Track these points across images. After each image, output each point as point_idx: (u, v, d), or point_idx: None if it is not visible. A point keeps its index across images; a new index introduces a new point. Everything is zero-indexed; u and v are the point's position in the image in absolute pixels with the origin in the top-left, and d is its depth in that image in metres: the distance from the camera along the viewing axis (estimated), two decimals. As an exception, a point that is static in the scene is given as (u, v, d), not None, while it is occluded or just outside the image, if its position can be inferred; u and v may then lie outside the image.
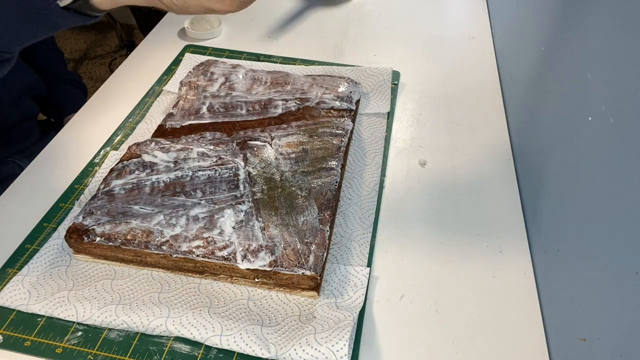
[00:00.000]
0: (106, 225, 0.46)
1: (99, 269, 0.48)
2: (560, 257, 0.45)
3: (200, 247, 0.45)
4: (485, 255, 0.51)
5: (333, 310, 0.44)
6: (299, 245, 0.45)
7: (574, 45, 0.47)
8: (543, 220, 0.51)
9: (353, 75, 0.72)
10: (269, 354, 0.41)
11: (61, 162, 0.60)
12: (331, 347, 0.40)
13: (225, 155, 0.53)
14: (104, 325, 0.43)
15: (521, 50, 0.67)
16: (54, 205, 0.54)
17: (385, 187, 0.58)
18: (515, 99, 0.67)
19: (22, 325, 0.44)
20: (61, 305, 0.44)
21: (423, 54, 0.81)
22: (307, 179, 0.51)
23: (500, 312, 0.46)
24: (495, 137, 0.65)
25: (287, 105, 0.61)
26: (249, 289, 0.47)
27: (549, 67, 0.54)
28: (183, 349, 0.42)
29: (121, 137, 0.63)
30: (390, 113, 0.67)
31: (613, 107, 0.38)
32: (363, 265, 0.49)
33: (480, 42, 0.84)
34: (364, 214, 0.53)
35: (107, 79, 0.74)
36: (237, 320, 0.43)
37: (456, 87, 0.73)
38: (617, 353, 0.34)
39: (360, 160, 0.60)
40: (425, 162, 0.61)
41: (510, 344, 0.44)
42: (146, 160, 0.53)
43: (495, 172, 0.60)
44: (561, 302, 0.44)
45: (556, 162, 0.49)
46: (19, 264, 0.48)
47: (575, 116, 0.45)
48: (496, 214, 0.55)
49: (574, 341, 0.40)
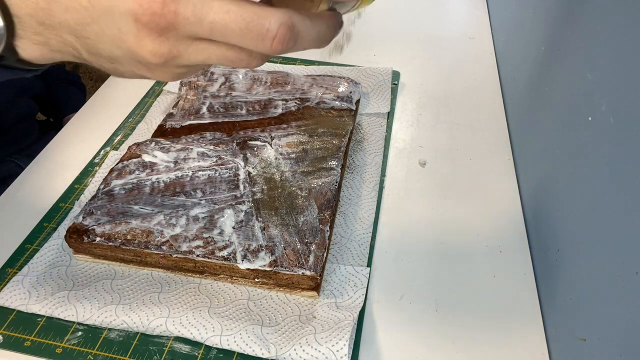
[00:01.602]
0: (106, 225, 0.46)
1: (99, 269, 0.48)
2: (560, 257, 0.45)
3: (200, 247, 0.45)
4: (485, 255, 0.51)
5: (333, 310, 0.44)
6: (299, 245, 0.45)
7: (574, 45, 0.47)
8: (543, 220, 0.51)
9: (353, 75, 0.72)
10: (269, 354, 0.41)
11: (61, 162, 0.60)
12: (331, 347, 0.40)
13: (225, 155, 0.53)
14: (104, 325, 0.43)
15: (521, 50, 0.67)
16: (54, 205, 0.54)
17: (385, 187, 0.58)
18: (515, 99, 0.67)
19: (22, 325, 0.44)
20: (61, 305, 0.44)
21: (423, 54, 0.81)
22: (307, 179, 0.51)
23: (500, 312, 0.46)
24: (495, 137, 0.65)
25: (287, 105, 0.61)
26: (249, 289, 0.47)
27: (549, 67, 0.54)
28: (183, 349, 0.42)
29: (121, 137, 0.63)
30: (390, 113, 0.67)
31: (613, 107, 0.38)
32: (363, 265, 0.49)
33: (480, 42, 0.84)
34: (364, 214, 0.53)
35: (107, 79, 0.74)
36: (237, 320, 0.43)
37: (456, 87, 0.73)
38: (617, 353, 0.34)
39: (360, 160, 0.60)
40: (425, 162, 0.61)
41: (510, 344, 0.44)
42: (146, 160, 0.53)
43: (495, 172, 0.60)
44: (561, 302, 0.44)
45: (556, 162, 0.49)
46: (19, 264, 0.48)
47: (575, 116, 0.45)
48: (496, 214, 0.55)
49: (574, 341, 0.40)
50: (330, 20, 0.29)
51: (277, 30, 0.26)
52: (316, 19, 0.28)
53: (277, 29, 0.26)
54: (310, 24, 0.27)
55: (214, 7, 0.25)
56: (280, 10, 0.26)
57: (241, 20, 0.25)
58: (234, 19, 0.25)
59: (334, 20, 0.30)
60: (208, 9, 0.25)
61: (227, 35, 0.26)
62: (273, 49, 0.26)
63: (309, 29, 0.27)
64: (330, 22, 0.29)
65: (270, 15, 0.26)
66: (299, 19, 0.27)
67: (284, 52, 0.27)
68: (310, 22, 0.27)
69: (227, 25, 0.25)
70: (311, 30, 0.27)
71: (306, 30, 0.27)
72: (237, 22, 0.25)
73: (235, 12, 0.25)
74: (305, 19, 0.27)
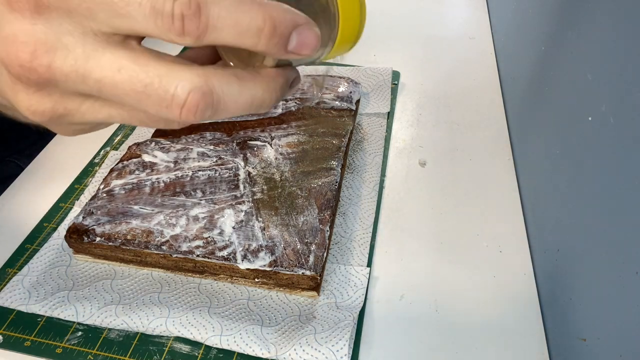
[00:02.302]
0: (106, 225, 0.46)
1: (99, 269, 0.48)
2: (560, 257, 0.45)
3: (200, 247, 0.45)
4: (485, 255, 0.51)
5: (333, 310, 0.44)
6: (299, 245, 0.45)
7: (574, 45, 0.47)
8: (543, 220, 0.51)
9: (353, 75, 0.72)
10: (269, 354, 0.41)
11: (61, 162, 0.60)
12: (331, 347, 0.40)
13: (225, 155, 0.53)
14: (104, 325, 0.43)
15: (521, 50, 0.67)
16: (54, 205, 0.54)
17: (385, 187, 0.58)
18: (515, 99, 0.67)
19: (22, 325, 0.44)
20: (61, 305, 0.44)
21: (423, 54, 0.81)
22: (307, 179, 0.51)
23: (500, 312, 0.46)
24: (495, 137, 0.65)
25: (287, 105, 0.61)
26: (249, 289, 0.47)
27: (549, 67, 0.54)
28: (183, 349, 0.42)
29: (121, 137, 0.63)
30: (390, 113, 0.67)
31: (613, 107, 0.38)
32: (363, 265, 0.49)
33: (480, 42, 0.84)
34: (364, 214, 0.53)
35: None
36: (237, 320, 0.43)
37: (456, 87, 0.73)
38: (617, 353, 0.34)
39: (360, 160, 0.60)
40: (425, 162, 0.61)
41: (510, 344, 0.44)
42: (146, 160, 0.53)
43: (495, 172, 0.60)
44: (561, 302, 0.44)
45: (556, 162, 0.49)
46: (19, 264, 0.48)
47: (575, 116, 0.45)
48: (496, 214, 0.55)
49: (574, 341, 0.40)
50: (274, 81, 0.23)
51: (187, 96, 0.20)
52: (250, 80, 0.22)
53: (186, 95, 0.20)
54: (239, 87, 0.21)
55: (102, 62, 0.20)
56: (197, 70, 0.20)
57: (137, 81, 0.20)
58: (127, 79, 0.20)
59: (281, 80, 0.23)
60: (94, 63, 0.20)
61: (119, 98, 0.21)
62: (183, 118, 0.20)
63: (234, 94, 0.21)
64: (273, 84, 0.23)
65: (180, 77, 0.20)
66: (223, 82, 0.21)
67: (202, 121, 0.22)
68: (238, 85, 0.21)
69: (116, 86, 0.20)
70: (239, 96, 0.22)
71: (231, 95, 0.21)
72: (130, 83, 0.20)
73: (129, 70, 0.20)
74: (232, 81, 0.21)
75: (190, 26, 0.19)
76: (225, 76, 0.21)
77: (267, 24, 0.20)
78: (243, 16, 0.19)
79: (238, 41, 0.20)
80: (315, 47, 0.22)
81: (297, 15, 0.21)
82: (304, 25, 0.21)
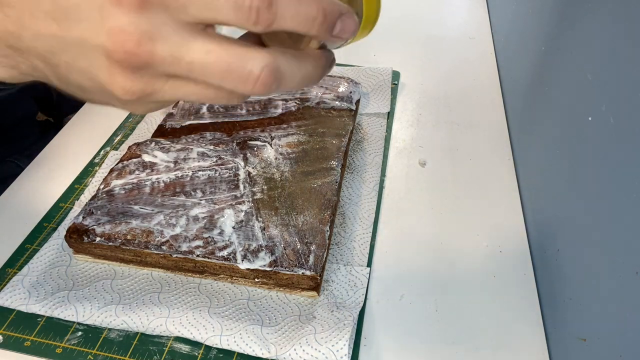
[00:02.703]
0: (106, 225, 0.46)
1: (99, 269, 0.48)
2: (560, 257, 0.45)
3: (200, 247, 0.45)
4: (485, 255, 0.51)
5: (333, 310, 0.44)
6: (299, 245, 0.45)
7: (574, 45, 0.47)
8: (543, 220, 0.51)
9: (353, 75, 0.72)
10: (269, 354, 0.41)
11: (61, 162, 0.60)
12: (331, 347, 0.40)
13: (225, 155, 0.53)
14: (104, 325, 0.43)
15: (521, 50, 0.67)
16: (54, 205, 0.54)
17: (385, 187, 0.58)
18: (515, 99, 0.67)
19: (22, 325, 0.44)
20: (61, 305, 0.44)
21: (423, 54, 0.81)
22: (307, 179, 0.51)
23: (500, 312, 0.46)
24: (495, 137, 0.65)
25: (287, 105, 0.61)
26: (249, 289, 0.47)
27: (549, 67, 0.54)
28: (183, 349, 0.42)
29: (121, 137, 0.63)
30: (390, 113, 0.67)
31: (613, 107, 0.38)
32: (363, 265, 0.49)
33: (480, 42, 0.84)
34: (364, 214, 0.53)
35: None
36: (237, 320, 0.43)
37: (456, 87, 0.73)
38: (617, 353, 0.34)
39: (360, 160, 0.60)
40: (425, 162, 0.61)
41: (510, 344, 0.44)
42: (146, 160, 0.53)
43: (495, 172, 0.60)
44: (561, 302, 0.44)
45: (556, 162, 0.49)
46: (19, 264, 0.48)
47: (575, 116, 0.45)
48: (496, 214, 0.55)
49: (574, 341, 0.40)
50: (320, 61, 0.28)
51: (260, 72, 0.24)
52: (304, 60, 0.26)
53: (260, 72, 0.24)
54: (297, 65, 0.26)
55: (194, 47, 0.24)
56: (265, 50, 0.25)
57: (222, 61, 0.24)
58: (215, 60, 0.24)
59: (324, 60, 0.28)
60: (187, 48, 0.24)
61: (206, 76, 0.25)
62: (255, 91, 0.25)
63: (294, 71, 0.26)
64: (319, 62, 0.28)
65: (254, 57, 0.24)
66: (285, 61, 0.25)
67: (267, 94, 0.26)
68: (296, 64, 0.26)
69: (206, 66, 0.24)
70: (297, 72, 0.26)
71: (291, 72, 0.26)
72: (217, 63, 0.24)
73: (216, 52, 0.24)
74: (292, 60, 0.26)
75: (263, 16, 0.23)
76: (287, 56, 0.25)
77: (320, 13, 0.24)
78: (301, 8, 0.24)
79: (297, 27, 0.24)
80: (354, 32, 0.27)
81: (341, 5, 0.26)
82: (346, 14, 0.26)
